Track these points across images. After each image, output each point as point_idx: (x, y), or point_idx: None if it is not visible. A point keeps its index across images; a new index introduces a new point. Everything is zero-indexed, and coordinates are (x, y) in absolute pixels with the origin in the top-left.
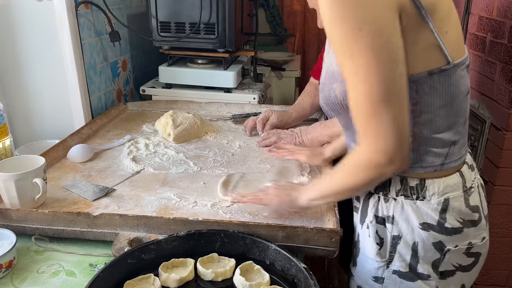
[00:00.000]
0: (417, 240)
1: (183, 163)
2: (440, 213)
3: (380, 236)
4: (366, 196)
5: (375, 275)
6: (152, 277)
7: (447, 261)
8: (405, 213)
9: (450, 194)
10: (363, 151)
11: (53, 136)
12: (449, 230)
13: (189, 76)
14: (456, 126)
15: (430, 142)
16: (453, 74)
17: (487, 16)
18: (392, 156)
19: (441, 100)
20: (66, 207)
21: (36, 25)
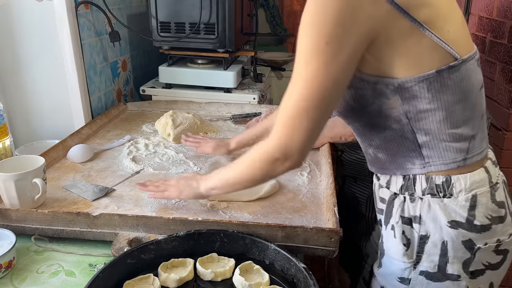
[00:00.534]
0: (446, 239)
1: (183, 163)
2: (469, 210)
3: (407, 237)
4: (391, 197)
5: (401, 276)
6: (151, 277)
7: (477, 260)
8: (432, 212)
9: (477, 190)
10: (268, 146)
11: (53, 136)
12: (479, 228)
13: (189, 76)
14: (473, 120)
15: (449, 138)
16: (463, 69)
17: (487, 16)
18: (290, 155)
19: (454, 96)
20: (66, 207)
21: (36, 25)
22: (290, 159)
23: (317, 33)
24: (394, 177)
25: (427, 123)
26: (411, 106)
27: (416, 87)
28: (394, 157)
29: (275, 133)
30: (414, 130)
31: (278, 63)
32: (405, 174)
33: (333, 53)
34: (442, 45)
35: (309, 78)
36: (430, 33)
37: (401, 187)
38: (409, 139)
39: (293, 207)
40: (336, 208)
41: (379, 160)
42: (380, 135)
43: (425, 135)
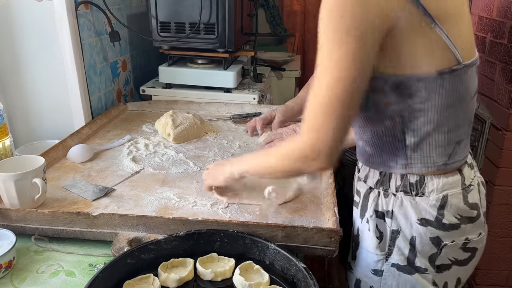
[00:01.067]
0: (415, 235)
1: (183, 163)
2: (438, 209)
3: (380, 230)
4: (367, 191)
5: (375, 268)
6: (151, 277)
7: (443, 256)
8: (404, 209)
9: (448, 191)
10: (301, 141)
11: (53, 136)
12: (447, 226)
13: (189, 76)
14: (462, 127)
15: (436, 141)
16: (463, 75)
17: (487, 16)
18: (320, 155)
19: (449, 99)
20: (66, 207)
21: (36, 25)
22: (320, 158)
23: (339, 24)
24: (372, 172)
25: (418, 124)
26: (405, 105)
27: (414, 86)
28: (381, 153)
29: (305, 129)
30: (405, 130)
31: (278, 63)
32: (386, 171)
33: (355, 43)
34: (450, 47)
35: (334, 70)
36: (441, 31)
37: (376, 182)
38: (398, 138)
39: (293, 207)
40: (336, 208)
41: (366, 153)
42: (373, 130)
43: (413, 136)
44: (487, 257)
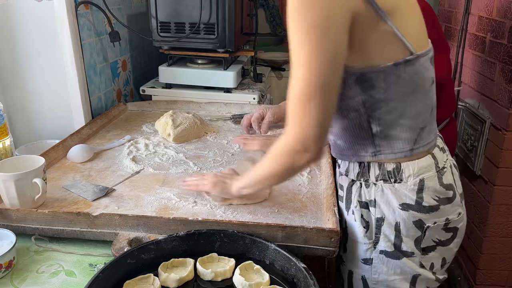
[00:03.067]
0: (398, 220)
1: (183, 163)
2: (417, 193)
3: (366, 220)
4: (349, 184)
5: (364, 257)
6: (151, 277)
7: (427, 238)
8: (385, 196)
9: (424, 175)
10: (287, 138)
11: (53, 136)
12: (427, 208)
13: (189, 76)
14: (423, 113)
15: (399, 128)
16: (417, 64)
17: (487, 16)
18: (308, 145)
19: (406, 88)
20: (66, 207)
21: (36, 25)
22: (309, 149)
23: (304, 19)
24: (352, 165)
25: (381, 113)
26: (368, 96)
27: (374, 77)
28: (351, 144)
29: (289, 125)
30: (369, 120)
31: (278, 63)
32: (359, 161)
33: (323, 34)
34: (402, 39)
35: (306, 62)
36: (392, 24)
37: (357, 174)
38: (364, 128)
39: (293, 207)
40: (336, 208)
41: (338, 146)
42: (340, 122)
43: (378, 125)
44: (487, 257)
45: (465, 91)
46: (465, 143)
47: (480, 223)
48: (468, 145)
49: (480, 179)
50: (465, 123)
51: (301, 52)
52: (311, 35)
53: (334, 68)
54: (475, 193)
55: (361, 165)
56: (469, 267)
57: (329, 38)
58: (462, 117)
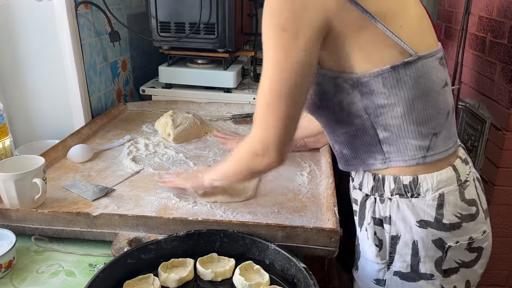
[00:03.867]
0: (416, 238)
1: (183, 163)
2: (437, 209)
3: (379, 238)
4: (363, 199)
5: (377, 277)
6: (151, 277)
7: (449, 259)
8: (401, 212)
9: (444, 189)
10: (250, 139)
11: (53, 136)
12: (448, 226)
13: (189, 76)
14: (437, 118)
15: (410, 135)
16: (420, 66)
17: (487, 16)
18: (267, 149)
19: (412, 92)
20: (66, 207)
21: (36, 25)
22: (268, 153)
23: (273, 22)
24: (366, 178)
25: (386, 118)
26: (369, 102)
27: (372, 82)
28: (357, 153)
29: (254, 127)
30: (374, 125)
31: None
32: (367, 169)
33: (290, 38)
34: (396, 40)
35: (274, 66)
36: (383, 26)
37: (372, 188)
38: (370, 134)
39: (293, 207)
40: (336, 208)
41: (344, 156)
42: (344, 130)
43: (385, 130)
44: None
45: (465, 91)
46: (465, 143)
47: None
48: (468, 145)
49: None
50: (465, 123)
51: (270, 55)
52: (278, 38)
53: (301, 75)
54: None
55: (376, 178)
56: None
57: (297, 44)
58: (462, 117)
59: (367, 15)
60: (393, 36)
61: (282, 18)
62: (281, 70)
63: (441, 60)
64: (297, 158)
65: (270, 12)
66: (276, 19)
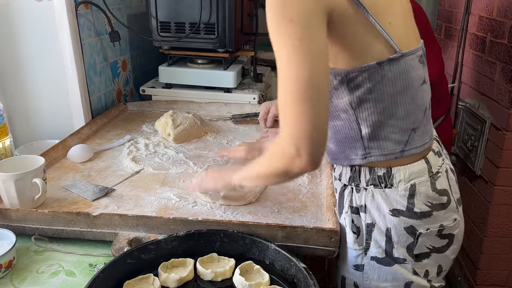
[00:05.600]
0: (389, 226)
1: (183, 163)
2: (408, 199)
3: (356, 225)
4: (341, 188)
5: (355, 263)
6: (151, 277)
7: (420, 244)
8: (376, 201)
9: (416, 180)
10: (281, 141)
11: (53, 136)
12: (419, 214)
13: (189, 76)
14: (414, 114)
15: (389, 129)
16: (402, 63)
17: (487, 16)
18: (301, 148)
19: (394, 88)
20: (66, 207)
21: (36, 25)
22: (302, 152)
23: (282, 15)
24: (344, 169)
25: (369, 113)
26: (354, 97)
27: (359, 78)
28: (342, 148)
29: (282, 128)
30: (358, 120)
31: None
32: (350, 164)
33: (302, 28)
34: (384, 36)
35: (290, 61)
36: (374, 21)
37: (349, 178)
38: (354, 129)
39: (293, 207)
40: (336, 208)
41: (331, 150)
42: (331, 125)
43: (367, 126)
44: (487, 257)
45: (465, 91)
46: (465, 143)
47: (480, 223)
48: (468, 145)
49: (480, 179)
50: (465, 123)
51: (284, 51)
52: (290, 30)
53: (319, 63)
54: (475, 193)
55: (353, 169)
56: (469, 267)
57: (309, 32)
58: (462, 117)
59: (360, 8)
60: (383, 31)
61: (290, 9)
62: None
63: (420, 58)
64: None
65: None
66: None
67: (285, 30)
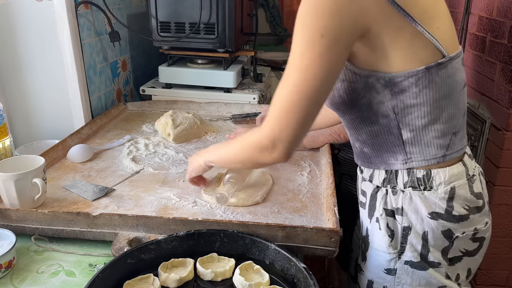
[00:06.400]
0: (426, 229)
1: (183, 163)
2: (448, 202)
3: (391, 228)
4: (374, 191)
5: (387, 267)
6: (151, 277)
7: (455, 248)
8: (414, 204)
9: (455, 183)
10: (260, 133)
11: (53, 136)
12: (457, 218)
13: (189, 76)
14: (456, 117)
15: (432, 134)
16: (449, 67)
17: (487, 16)
18: (277, 146)
19: (440, 92)
20: (66, 207)
21: (36, 25)
22: (278, 150)
23: (313, 25)
24: (377, 171)
25: (412, 118)
26: (398, 101)
27: (405, 82)
28: (379, 152)
29: (268, 122)
30: (400, 125)
31: (278, 63)
32: (387, 169)
33: (328, 45)
34: (433, 41)
35: (303, 69)
36: (422, 29)
37: (383, 180)
38: (394, 134)
39: (293, 207)
40: (336, 208)
41: (364, 154)
42: (368, 129)
43: (409, 131)
44: (487, 257)
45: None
46: None
47: None
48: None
49: None
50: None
51: (301, 58)
52: (315, 44)
53: (328, 82)
54: None
55: (388, 171)
56: None
57: (333, 50)
58: None
59: (408, 19)
60: (430, 37)
61: (323, 22)
62: (310, 75)
63: (462, 60)
64: (297, 158)
65: (311, 14)
66: (316, 23)
67: (311, 42)
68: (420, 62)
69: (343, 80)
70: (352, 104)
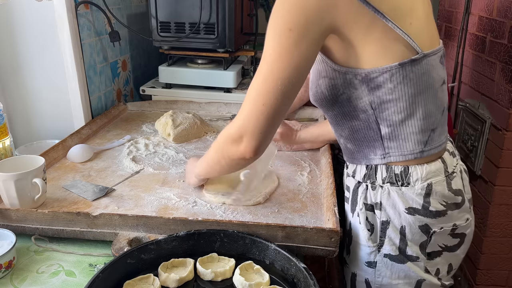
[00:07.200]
0: (404, 224)
1: (183, 163)
2: (424, 197)
3: (370, 222)
4: (355, 186)
5: (368, 260)
6: (151, 277)
7: (433, 243)
8: (392, 199)
9: (432, 179)
10: (232, 124)
11: (53, 136)
12: (434, 213)
13: (189, 76)
14: (434, 114)
15: (409, 130)
16: (424, 64)
17: (487, 16)
18: (244, 136)
19: (415, 88)
20: (66, 207)
21: (36, 25)
22: (245, 141)
23: (282, 20)
24: (359, 166)
25: (389, 114)
26: (375, 97)
27: (380, 78)
28: (361, 147)
29: (238, 114)
30: (378, 120)
31: None
32: (368, 164)
33: (296, 39)
34: (405, 37)
35: (270, 62)
36: (393, 25)
37: (364, 175)
38: (373, 129)
39: (293, 207)
40: (336, 208)
41: (348, 150)
42: (349, 124)
43: (387, 126)
44: (487, 257)
45: (465, 91)
46: (465, 143)
47: (480, 223)
48: (468, 145)
49: (480, 179)
50: (465, 123)
51: (270, 52)
52: (283, 38)
53: (297, 76)
54: (475, 193)
55: (368, 167)
56: (469, 267)
57: (300, 45)
58: (462, 117)
59: (378, 15)
60: (402, 33)
61: (291, 17)
62: (277, 68)
63: (441, 58)
64: (297, 158)
65: (280, 10)
66: (285, 18)
67: (280, 35)
68: (394, 58)
69: (325, 76)
70: (333, 100)
